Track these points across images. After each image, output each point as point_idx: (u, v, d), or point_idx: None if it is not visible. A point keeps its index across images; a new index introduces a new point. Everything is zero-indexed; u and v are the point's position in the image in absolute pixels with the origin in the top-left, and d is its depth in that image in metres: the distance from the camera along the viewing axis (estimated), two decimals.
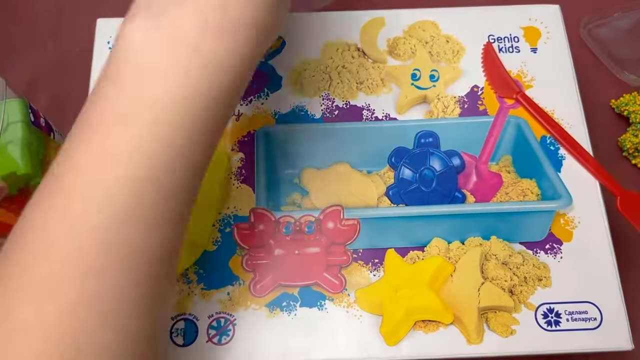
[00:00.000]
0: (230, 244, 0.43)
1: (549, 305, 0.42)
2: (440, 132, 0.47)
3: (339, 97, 0.48)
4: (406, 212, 0.44)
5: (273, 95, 0.49)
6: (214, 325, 0.41)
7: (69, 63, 0.60)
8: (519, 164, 0.47)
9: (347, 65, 0.50)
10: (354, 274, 0.43)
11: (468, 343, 0.41)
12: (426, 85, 0.49)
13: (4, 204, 0.44)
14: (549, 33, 0.51)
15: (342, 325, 0.41)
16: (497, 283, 0.42)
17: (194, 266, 0.43)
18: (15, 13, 0.63)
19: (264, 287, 0.42)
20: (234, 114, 0.48)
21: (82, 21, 0.62)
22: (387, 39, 0.51)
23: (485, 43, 0.51)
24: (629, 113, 0.56)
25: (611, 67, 0.59)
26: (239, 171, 0.46)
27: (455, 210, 0.44)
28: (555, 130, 0.47)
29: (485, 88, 0.49)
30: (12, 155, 0.44)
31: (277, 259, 0.43)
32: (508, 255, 0.43)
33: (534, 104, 0.48)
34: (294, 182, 0.46)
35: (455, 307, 0.41)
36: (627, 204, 0.45)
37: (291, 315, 0.41)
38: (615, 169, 0.46)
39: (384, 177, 0.46)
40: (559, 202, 0.45)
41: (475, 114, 0.48)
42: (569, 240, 0.44)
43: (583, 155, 0.46)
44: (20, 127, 0.45)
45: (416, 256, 0.43)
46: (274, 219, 0.43)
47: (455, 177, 0.46)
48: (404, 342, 0.41)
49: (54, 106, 0.57)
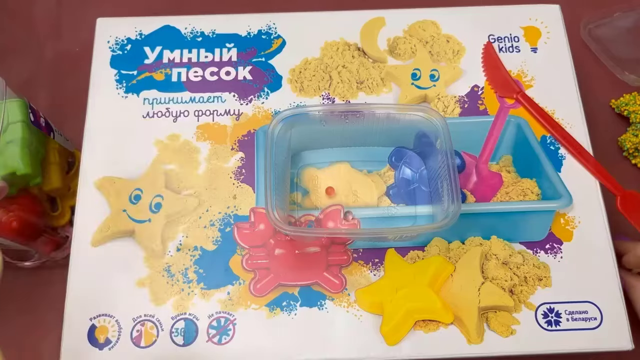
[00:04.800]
0: (230, 244, 0.43)
1: (549, 305, 0.42)
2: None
3: (339, 97, 0.48)
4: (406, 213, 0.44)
5: (273, 95, 0.49)
6: (214, 325, 0.41)
7: (69, 63, 0.60)
8: (519, 164, 0.47)
9: (347, 65, 0.50)
10: (354, 274, 0.43)
11: (468, 343, 0.41)
12: (426, 84, 0.49)
13: (4, 204, 0.44)
14: (549, 33, 0.51)
15: (342, 325, 0.41)
16: (498, 283, 0.42)
17: (194, 266, 0.43)
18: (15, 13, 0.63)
19: (264, 287, 0.42)
20: (234, 114, 0.48)
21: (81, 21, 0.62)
22: (387, 39, 0.51)
23: (486, 43, 0.51)
24: (629, 113, 0.56)
25: (611, 67, 0.59)
26: (239, 171, 0.46)
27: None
28: (555, 130, 0.47)
29: (485, 88, 0.49)
30: (12, 155, 0.44)
31: (277, 258, 0.43)
32: (508, 255, 0.43)
33: (534, 104, 0.48)
34: (294, 181, 0.46)
35: (456, 306, 0.41)
36: (627, 204, 0.45)
37: (291, 315, 0.41)
38: (615, 169, 0.46)
39: (384, 176, 0.46)
40: (559, 202, 0.45)
41: (476, 113, 0.48)
42: (569, 240, 0.44)
43: (583, 154, 0.46)
44: (20, 127, 0.45)
45: (416, 256, 0.43)
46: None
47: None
48: (404, 342, 0.41)
49: (54, 106, 0.57)
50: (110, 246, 0.43)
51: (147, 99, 0.48)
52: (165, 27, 0.51)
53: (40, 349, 0.49)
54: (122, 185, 0.45)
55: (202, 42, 0.50)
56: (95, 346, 0.41)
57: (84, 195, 0.45)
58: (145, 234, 0.43)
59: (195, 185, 0.45)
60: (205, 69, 0.49)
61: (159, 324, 0.41)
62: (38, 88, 0.59)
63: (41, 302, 0.50)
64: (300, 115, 0.43)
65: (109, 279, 0.42)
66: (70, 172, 0.52)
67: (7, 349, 0.49)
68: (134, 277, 0.42)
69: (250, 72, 0.49)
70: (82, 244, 0.43)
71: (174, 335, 0.41)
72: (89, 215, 0.44)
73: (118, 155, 0.46)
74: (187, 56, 0.50)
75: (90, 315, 0.41)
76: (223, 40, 0.51)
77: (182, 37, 0.51)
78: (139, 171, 0.46)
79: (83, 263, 0.43)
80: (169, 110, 0.48)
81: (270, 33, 0.51)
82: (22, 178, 0.45)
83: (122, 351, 0.41)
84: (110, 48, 0.50)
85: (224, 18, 0.52)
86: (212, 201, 0.45)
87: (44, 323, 0.50)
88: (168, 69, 0.49)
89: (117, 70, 0.49)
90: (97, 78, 0.49)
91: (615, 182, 0.45)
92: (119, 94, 0.48)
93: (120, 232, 0.44)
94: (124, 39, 0.50)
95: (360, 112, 0.44)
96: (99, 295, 0.42)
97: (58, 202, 0.51)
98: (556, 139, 0.47)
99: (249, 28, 0.51)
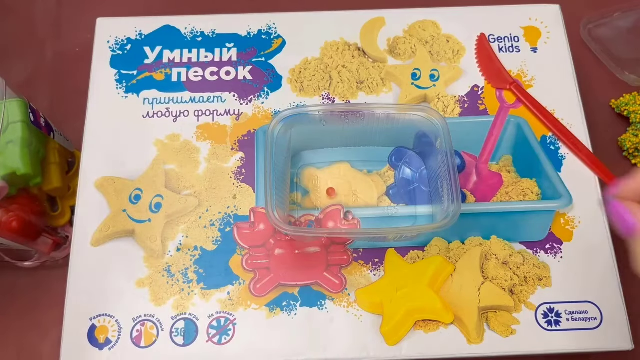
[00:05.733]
0: (230, 244, 0.43)
1: (549, 305, 0.42)
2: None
3: (339, 97, 0.48)
4: (407, 213, 0.44)
5: (273, 95, 0.49)
6: (214, 325, 0.41)
7: (69, 63, 0.60)
8: (519, 164, 0.47)
9: (347, 65, 0.50)
10: (354, 274, 0.43)
11: (468, 343, 0.41)
12: (426, 84, 0.49)
13: (4, 204, 0.44)
14: (549, 33, 0.51)
15: (342, 325, 0.41)
16: (498, 283, 0.42)
17: (194, 266, 0.43)
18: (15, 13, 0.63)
19: (264, 287, 0.42)
20: (234, 114, 0.48)
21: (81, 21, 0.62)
22: (387, 39, 0.51)
23: (479, 34, 0.50)
24: (629, 113, 0.56)
25: (611, 67, 0.59)
26: (239, 171, 0.46)
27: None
28: (548, 120, 0.47)
29: (485, 88, 0.49)
30: (12, 155, 0.44)
31: (277, 258, 0.43)
32: (508, 255, 0.43)
33: (528, 95, 0.48)
34: (294, 181, 0.46)
35: (456, 306, 0.41)
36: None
37: (291, 315, 0.41)
38: (615, 169, 0.46)
39: (384, 176, 0.46)
40: (559, 202, 0.45)
41: (476, 113, 0.48)
42: (569, 240, 0.44)
43: (576, 145, 0.46)
44: (20, 127, 0.45)
45: (416, 256, 0.43)
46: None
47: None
48: (404, 342, 0.41)
49: (54, 106, 0.57)
50: (110, 246, 0.43)
51: (147, 99, 0.48)
52: (165, 27, 0.51)
53: (40, 349, 0.49)
54: (122, 185, 0.45)
55: (202, 42, 0.50)
56: (95, 346, 0.41)
57: (84, 195, 0.45)
58: (145, 234, 0.43)
59: (195, 185, 0.45)
60: (205, 69, 0.49)
61: (159, 324, 0.41)
62: (38, 88, 0.59)
63: (41, 302, 0.50)
64: (300, 115, 0.43)
65: (109, 279, 0.42)
66: (70, 172, 0.52)
67: (7, 348, 0.49)
68: (134, 277, 0.42)
69: (250, 72, 0.49)
70: (82, 244, 0.43)
71: (174, 335, 0.41)
72: (89, 215, 0.44)
73: (118, 155, 0.46)
74: (187, 56, 0.50)
75: (90, 315, 0.41)
76: (223, 40, 0.51)
77: (182, 37, 0.51)
78: (139, 171, 0.46)
79: (83, 263, 0.43)
80: (169, 110, 0.48)
81: (270, 33, 0.51)
82: (22, 178, 0.45)
83: (122, 351, 0.41)
84: (110, 48, 0.50)
85: (224, 18, 0.52)
86: (212, 201, 0.45)
87: (44, 323, 0.50)
88: (168, 69, 0.49)
89: (117, 70, 0.49)
90: (97, 78, 0.49)
91: (608, 172, 0.45)
92: (119, 94, 0.48)
93: (120, 232, 0.44)
94: (124, 39, 0.50)
95: (360, 112, 0.44)
96: (99, 295, 0.42)
97: (58, 202, 0.51)
98: (550, 130, 0.47)
99: (249, 28, 0.51)
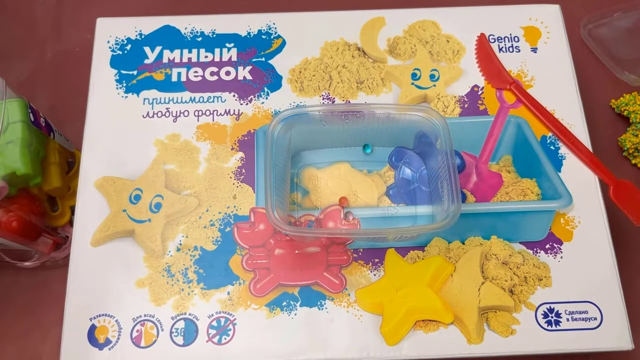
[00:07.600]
0: (230, 244, 0.43)
1: (549, 305, 0.42)
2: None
3: (339, 97, 0.48)
4: (407, 213, 0.44)
5: (273, 95, 0.49)
6: (214, 325, 0.41)
7: (69, 63, 0.60)
8: (519, 164, 0.47)
9: (347, 65, 0.50)
10: (354, 274, 0.43)
11: (468, 343, 0.41)
12: (426, 84, 0.49)
13: (4, 204, 0.44)
14: (549, 33, 0.51)
15: (342, 325, 0.41)
16: (498, 283, 0.42)
17: (194, 266, 0.43)
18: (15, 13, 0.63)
19: (264, 287, 0.42)
20: (234, 114, 0.48)
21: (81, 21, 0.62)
22: (387, 39, 0.51)
23: (479, 34, 0.50)
24: (629, 113, 0.56)
25: (611, 67, 0.59)
26: (239, 171, 0.46)
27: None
28: (547, 119, 0.47)
29: (485, 88, 0.49)
30: (12, 155, 0.44)
31: (277, 258, 0.43)
32: (508, 255, 0.43)
33: (528, 95, 0.48)
34: (294, 181, 0.46)
35: (456, 306, 0.41)
36: (620, 193, 0.45)
37: (291, 315, 0.41)
38: (615, 169, 0.46)
39: (384, 176, 0.46)
40: (559, 202, 0.45)
41: (476, 113, 0.48)
42: (569, 240, 0.44)
43: (576, 145, 0.46)
44: (20, 127, 0.45)
45: (416, 256, 0.43)
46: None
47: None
48: (404, 342, 0.41)
49: (54, 106, 0.57)
50: (110, 246, 0.43)
51: (147, 99, 0.48)
52: (165, 27, 0.51)
53: (40, 349, 0.49)
54: (122, 185, 0.45)
55: (202, 42, 0.50)
56: (95, 346, 0.41)
57: (84, 195, 0.45)
58: (145, 234, 0.43)
59: (195, 185, 0.45)
60: (205, 69, 0.49)
61: (159, 324, 0.41)
62: (38, 88, 0.59)
63: (41, 302, 0.50)
64: (300, 115, 0.43)
65: (109, 279, 0.42)
66: (70, 172, 0.52)
67: (7, 349, 0.49)
68: (134, 277, 0.42)
69: (250, 72, 0.49)
70: (82, 244, 0.43)
71: (174, 335, 0.41)
72: (89, 215, 0.44)
73: (118, 155, 0.46)
74: (187, 56, 0.50)
75: (90, 315, 0.41)
76: (223, 40, 0.51)
77: (182, 37, 0.51)
78: (139, 171, 0.46)
79: (83, 263, 0.43)
80: (169, 110, 0.48)
81: (270, 33, 0.51)
82: (22, 178, 0.45)
83: (122, 351, 0.41)
84: (110, 48, 0.50)
85: (224, 18, 0.52)
86: (212, 201, 0.45)
87: (44, 323, 0.50)
88: (168, 69, 0.49)
89: (117, 70, 0.49)
90: (97, 78, 0.49)
91: (608, 171, 0.45)
92: (118, 94, 0.48)
93: (120, 232, 0.44)
94: (124, 39, 0.50)
95: (360, 112, 0.44)
96: (99, 295, 0.42)
97: (58, 202, 0.51)
98: (550, 130, 0.47)
99: (249, 28, 0.51)
